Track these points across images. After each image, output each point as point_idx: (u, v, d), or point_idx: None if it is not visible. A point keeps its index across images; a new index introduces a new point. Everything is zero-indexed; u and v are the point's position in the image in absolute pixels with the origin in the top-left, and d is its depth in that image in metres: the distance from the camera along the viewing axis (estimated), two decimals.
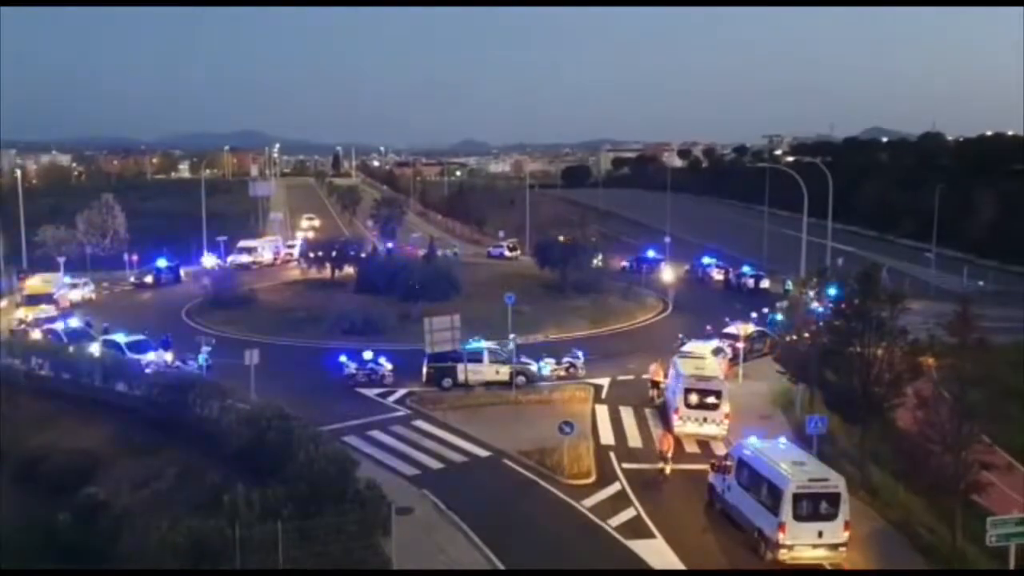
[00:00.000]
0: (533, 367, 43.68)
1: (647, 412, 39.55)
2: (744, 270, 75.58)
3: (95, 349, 43.54)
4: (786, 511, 25.01)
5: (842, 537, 25.30)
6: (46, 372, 42.38)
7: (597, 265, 78.99)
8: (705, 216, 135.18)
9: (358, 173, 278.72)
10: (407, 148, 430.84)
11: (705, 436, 35.75)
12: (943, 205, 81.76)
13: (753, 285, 72.33)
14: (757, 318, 52.92)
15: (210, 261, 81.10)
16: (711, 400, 35.60)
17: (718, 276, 78.15)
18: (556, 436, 32.05)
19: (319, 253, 77.08)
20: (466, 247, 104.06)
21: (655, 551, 26.15)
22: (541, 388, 42.26)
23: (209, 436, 32.54)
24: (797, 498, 25.15)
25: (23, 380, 41.51)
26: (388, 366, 43.01)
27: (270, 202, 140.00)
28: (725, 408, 35.64)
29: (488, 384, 42.31)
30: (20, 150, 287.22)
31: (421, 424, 37.37)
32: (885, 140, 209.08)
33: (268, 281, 76.37)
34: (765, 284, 72.17)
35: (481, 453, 34.08)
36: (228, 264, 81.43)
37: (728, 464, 28.76)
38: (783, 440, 29.51)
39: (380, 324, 53.83)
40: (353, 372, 42.63)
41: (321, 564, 22.34)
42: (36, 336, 49.33)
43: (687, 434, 35.73)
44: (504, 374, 42.41)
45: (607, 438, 36.16)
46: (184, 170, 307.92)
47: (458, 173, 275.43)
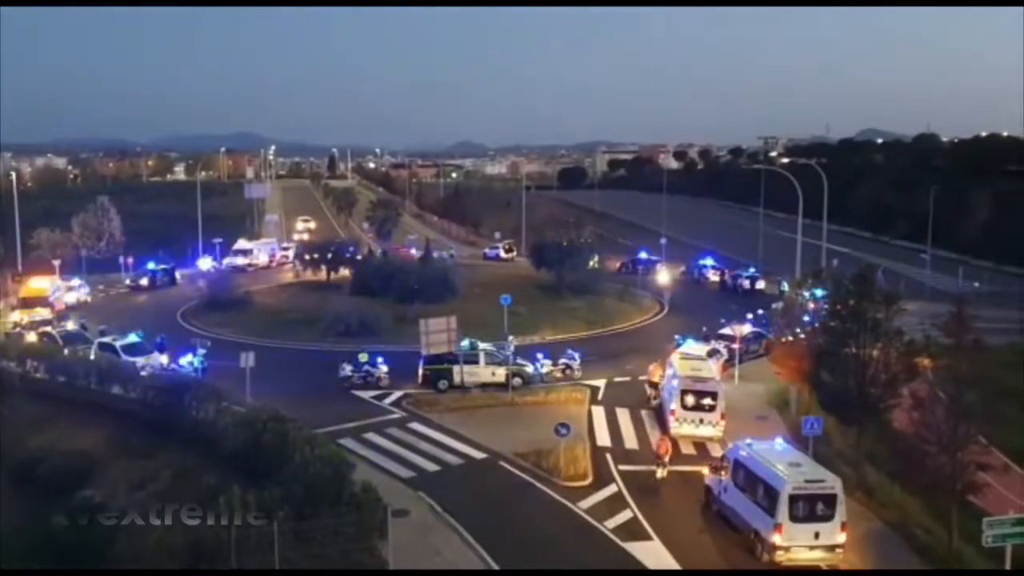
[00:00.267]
0: (529, 369, 43.67)
1: (643, 414, 39.55)
2: (740, 271, 75.68)
3: (91, 352, 43.44)
4: (782, 512, 25.01)
5: (839, 538, 25.30)
6: (42, 375, 42.36)
7: (593, 266, 78.98)
8: (701, 217, 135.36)
9: (354, 175, 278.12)
10: (403, 150, 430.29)
11: (701, 437, 35.75)
12: (938, 206, 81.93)
13: (749, 286, 72.49)
14: (753, 319, 52.99)
15: (206, 263, 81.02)
16: (707, 401, 35.62)
17: (714, 277, 78.39)
18: (552, 438, 32.03)
19: (315, 255, 77.03)
20: (462, 249, 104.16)
21: (652, 553, 26.14)
22: (537, 390, 42.26)
23: (205, 438, 32.54)
24: (793, 499, 25.15)
25: (19, 383, 41.46)
26: (384, 368, 42.94)
27: (266, 204, 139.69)
28: (721, 409, 35.66)
29: (484, 386, 42.29)
30: (15, 152, 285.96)
31: (417, 426, 37.32)
32: (880, 141, 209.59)
33: (264, 283, 76.29)
34: (761, 285, 72.30)
35: (477, 455, 34.05)
36: (224, 266, 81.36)
37: (724, 465, 28.78)
38: (779, 441, 29.49)
39: (376, 326, 53.78)
40: (349, 374, 42.55)
41: (317, 566, 22.30)
42: (32, 339, 49.25)
43: (683, 435, 35.71)
44: (500, 376, 42.38)
45: (603, 440, 36.16)
46: (180, 172, 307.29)
47: (454, 175, 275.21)
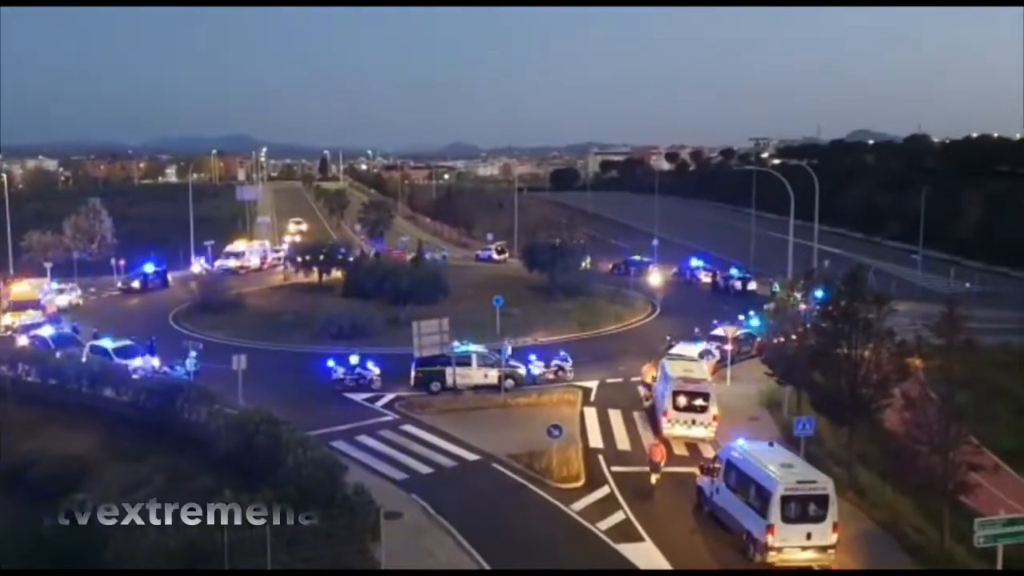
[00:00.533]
0: (521, 370, 43.66)
1: (636, 415, 39.59)
2: (732, 272, 75.80)
3: (82, 355, 43.32)
4: (774, 513, 25.05)
5: (831, 539, 25.33)
6: (33, 378, 42.14)
7: (585, 268, 79.03)
8: (692, 219, 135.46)
9: (346, 177, 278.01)
10: (395, 151, 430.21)
11: (693, 438, 35.76)
12: (929, 207, 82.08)
13: (741, 287, 72.66)
14: (744, 320, 53.06)
15: (197, 266, 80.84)
16: (699, 402, 35.64)
17: (706, 278, 78.51)
18: (545, 439, 32.01)
19: (307, 257, 76.95)
20: (455, 250, 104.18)
21: (644, 554, 26.16)
22: (529, 391, 42.19)
23: (197, 441, 32.47)
24: (785, 500, 25.18)
25: (10, 386, 41.26)
26: (376, 370, 42.88)
27: (257, 206, 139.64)
28: (713, 410, 35.71)
29: (476, 388, 42.27)
30: (6, 154, 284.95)
31: (409, 428, 37.29)
32: (871, 142, 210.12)
33: (256, 285, 76.11)
34: (752, 286, 72.41)
35: (469, 457, 34.04)
36: (215, 269, 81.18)
37: (716, 466, 28.79)
38: (771, 442, 29.55)
39: (368, 328, 53.72)
40: (341, 376, 42.50)
41: (310, 568, 22.27)
42: (23, 342, 49.12)
43: (675, 436, 35.74)
44: (492, 377, 42.37)
45: (596, 441, 36.16)
46: (171, 174, 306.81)
47: (446, 176, 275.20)
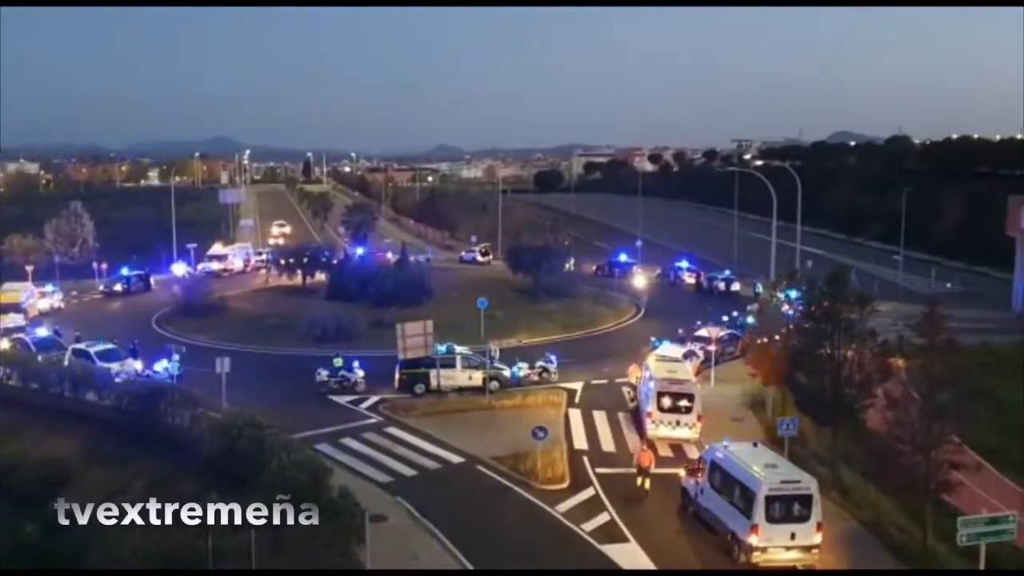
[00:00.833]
0: (506, 372, 43.64)
1: (620, 416, 39.65)
2: (715, 274, 76.07)
3: (64, 358, 43.00)
4: (759, 513, 25.14)
5: (815, 539, 25.44)
6: (15, 382, 41.81)
7: (569, 269, 79.24)
8: (676, 220, 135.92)
9: (329, 179, 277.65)
10: (379, 154, 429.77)
11: (678, 439, 35.84)
12: (910, 208, 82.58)
13: (724, 288, 72.90)
14: (728, 321, 53.26)
15: (180, 269, 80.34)
16: (684, 403, 35.72)
17: (690, 280, 78.71)
18: (529, 441, 32.03)
19: (290, 260, 76.67)
20: (439, 252, 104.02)
21: (629, 555, 26.20)
22: (514, 393, 42.16)
23: (180, 445, 32.26)
24: (769, 500, 25.28)
25: None
26: (360, 373, 42.76)
27: (241, 209, 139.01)
28: (698, 411, 35.79)
29: (461, 390, 42.21)
30: None
31: (394, 431, 37.18)
32: (853, 144, 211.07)
33: (239, 288, 75.70)
34: (736, 287, 72.69)
35: (454, 459, 33.98)
36: (198, 272, 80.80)
37: (701, 467, 28.88)
38: (755, 443, 29.65)
39: (352, 331, 53.48)
40: (325, 379, 42.36)
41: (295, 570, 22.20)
42: (4, 346, 48.72)
43: (660, 437, 35.80)
44: (477, 379, 42.32)
45: (580, 443, 36.17)
46: (154, 177, 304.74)
47: (430, 179, 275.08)
